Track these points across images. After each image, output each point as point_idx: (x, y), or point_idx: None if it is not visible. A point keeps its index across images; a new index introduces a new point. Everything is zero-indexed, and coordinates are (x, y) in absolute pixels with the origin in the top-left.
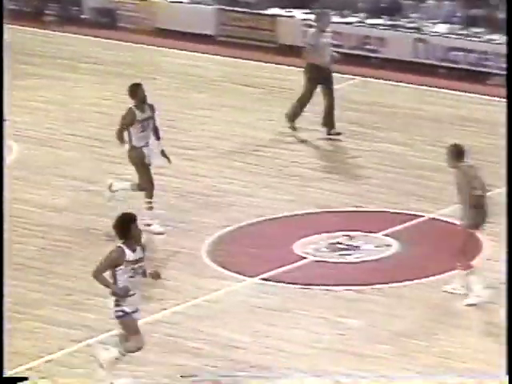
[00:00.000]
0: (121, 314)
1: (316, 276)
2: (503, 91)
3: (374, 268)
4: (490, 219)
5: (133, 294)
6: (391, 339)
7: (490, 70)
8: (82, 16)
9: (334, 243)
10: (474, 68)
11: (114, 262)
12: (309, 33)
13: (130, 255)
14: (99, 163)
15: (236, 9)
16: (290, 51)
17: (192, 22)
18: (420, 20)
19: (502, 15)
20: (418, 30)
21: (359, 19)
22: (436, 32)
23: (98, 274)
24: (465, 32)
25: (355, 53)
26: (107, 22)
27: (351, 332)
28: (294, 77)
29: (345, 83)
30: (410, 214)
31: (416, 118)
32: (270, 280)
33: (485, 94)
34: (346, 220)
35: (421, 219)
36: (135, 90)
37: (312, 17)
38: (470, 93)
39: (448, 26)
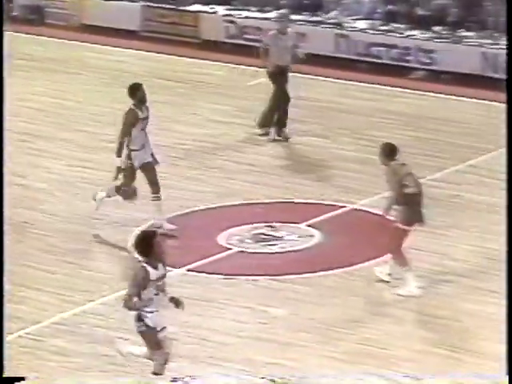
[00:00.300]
0: (144, 328)
1: (240, 266)
2: (424, 85)
3: (297, 258)
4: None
5: (156, 311)
6: (314, 327)
7: (411, 65)
8: (13, 13)
9: (257, 234)
10: (395, 63)
11: (142, 283)
12: (268, 35)
13: (153, 274)
14: (30, 158)
15: (160, 5)
16: (213, 46)
17: (118, 18)
18: (341, 16)
19: (421, 11)
20: (339, 25)
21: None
22: (357, 28)
23: (128, 303)
24: (385, 28)
25: None
26: (36, 18)
27: (275, 321)
28: (217, 71)
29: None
30: (332, 205)
31: (338, 112)
32: (195, 271)
33: (406, 88)
34: (270, 211)
35: (343, 210)
36: (135, 90)
37: (272, 18)
38: (391, 86)
39: (368, 21)
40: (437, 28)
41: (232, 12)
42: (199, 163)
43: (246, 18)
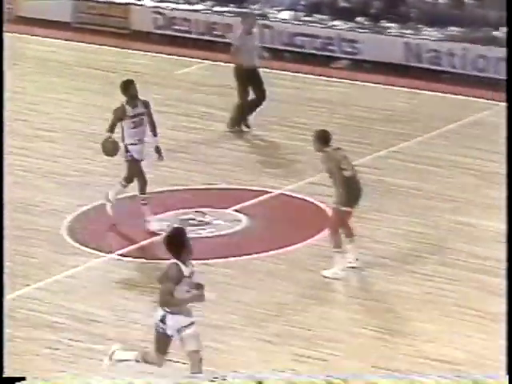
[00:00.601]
0: (161, 331)
1: None
2: (346, 74)
3: (225, 242)
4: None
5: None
6: (242, 310)
7: (333, 54)
8: None
9: (186, 219)
10: (319, 52)
11: (176, 281)
12: (235, 34)
13: (185, 271)
14: None
15: None
16: (142, 37)
17: (50, 10)
18: (265, 7)
19: (343, 3)
20: (263, 16)
21: (207, 7)
22: (281, 18)
23: (169, 301)
24: (309, 18)
25: (204, 38)
26: None
27: (204, 304)
28: (145, 61)
29: (194, 67)
30: (259, 190)
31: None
32: (126, 256)
33: (330, 76)
34: (198, 197)
35: (269, 195)
36: (127, 86)
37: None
38: (316, 75)
39: (292, 12)
40: (359, 19)
41: (160, 4)
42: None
43: (174, 9)
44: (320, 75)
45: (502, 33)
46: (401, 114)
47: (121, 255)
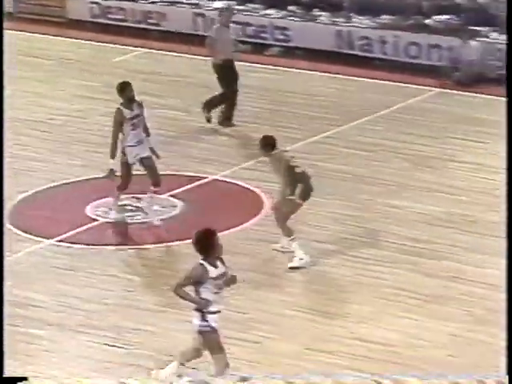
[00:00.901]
0: (208, 329)
1: (106, 236)
2: (279, 60)
3: (161, 227)
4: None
5: (217, 311)
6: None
7: (266, 42)
8: None
9: (122, 205)
10: (251, 40)
11: (195, 280)
12: (212, 28)
13: (212, 272)
14: None
15: None
16: (78, 26)
17: None
18: None
19: None
20: (196, 5)
21: None
22: (213, 7)
23: (177, 289)
24: (241, 7)
25: (139, 26)
26: None
27: (138, 288)
28: (83, 50)
29: (129, 54)
30: (193, 176)
31: (196, 86)
32: (65, 241)
33: (263, 64)
34: (134, 183)
35: (204, 180)
36: (123, 89)
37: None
38: (249, 62)
39: (225, 1)
40: (291, 7)
41: None
42: (67, 137)
43: None
44: (253, 62)
45: (433, 21)
46: (333, 99)
47: (59, 241)
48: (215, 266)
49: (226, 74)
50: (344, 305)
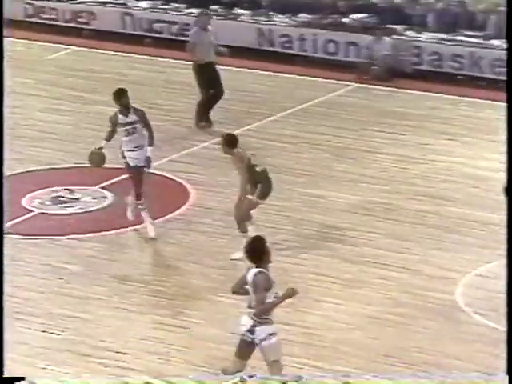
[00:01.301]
0: (248, 340)
1: (42, 227)
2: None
3: (93, 218)
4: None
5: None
6: (108, 282)
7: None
8: None
9: (56, 197)
10: (176, 37)
11: (266, 289)
12: (190, 33)
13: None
14: None
15: None
16: (13, 25)
17: None
18: None
19: None
20: (124, 5)
21: None
22: (140, 7)
23: (262, 311)
24: (166, 6)
25: (70, 25)
26: None
27: (73, 277)
28: (17, 48)
29: (60, 53)
30: (123, 168)
31: (126, 83)
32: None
33: (187, 60)
34: (67, 176)
35: None
36: (119, 95)
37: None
38: (173, 59)
39: (150, 1)
40: (213, 7)
41: None
42: (6, 132)
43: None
44: (177, 59)
45: (350, 19)
46: (256, 94)
47: None
48: (269, 271)
49: (207, 77)
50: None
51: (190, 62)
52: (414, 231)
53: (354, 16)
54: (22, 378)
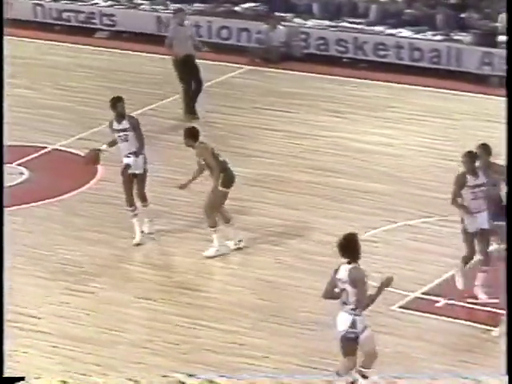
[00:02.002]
0: (352, 336)
1: None
2: (109, 43)
3: (10, 193)
4: None
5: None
6: (24, 251)
7: (96, 27)
8: None
9: None
10: (83, 25)
11: (365, 283)
12: (168, 29)
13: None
14: None
15: None
16: None
17: None
18: None
19: None
20: None
21: None
22: None
23: (368, 305)
24: None
25: None
26: None
27: None
28: None
29: None
30: (37, 146)
31: (41, 67)
32: None
33: (94, 46)
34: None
35: (45, 150)
36: (114, 104)
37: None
38: (82, 45)
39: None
40: None
41: None
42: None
43: None
44: (85, 45)
45: (241, 8)
46: (156, 76)
47: None
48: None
49: (186, 70)
50: (168, 257)
51: (94, 47)
52: (304, 201)
53: (246, 5)
54: (22, 378)
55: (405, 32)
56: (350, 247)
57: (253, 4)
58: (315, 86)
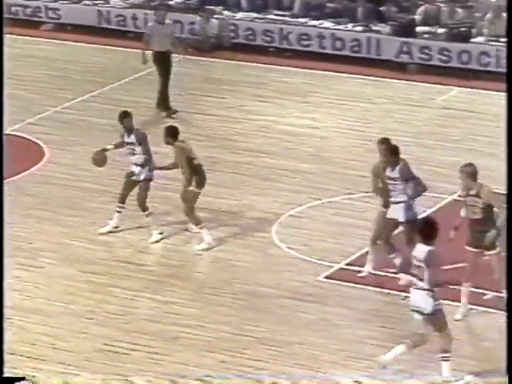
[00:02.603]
0: (440, 307)
1: None
2: (54, 34)
3: None
4: None
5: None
6: None
7: (42, 20)
8: None
9: None
10: (30, 18)
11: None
12: (148, 25)
13: None
14: None
15: None
16: None
17: None
18: None
19: None
20: None
21: None
22: None
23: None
24: None
25: None
26: None
27: None
28: None
29: None
30: None
31: None
32: None
33: (40, 37)
34: None
35: None
36: (121, 119)
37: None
38: (29, 37)
39: None
40: None
41: None
42: None
43: None
44: (32, 36)
45: (174, 2)
46: (97, 65)
47: None
48: None
49: (162, 64)
50: (109, 234)
51: (40, 39)
52: (235, 180)
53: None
54: (22, 378)
55: (327, 23)
56: (431, 231)
57: None
58: (244, 73)
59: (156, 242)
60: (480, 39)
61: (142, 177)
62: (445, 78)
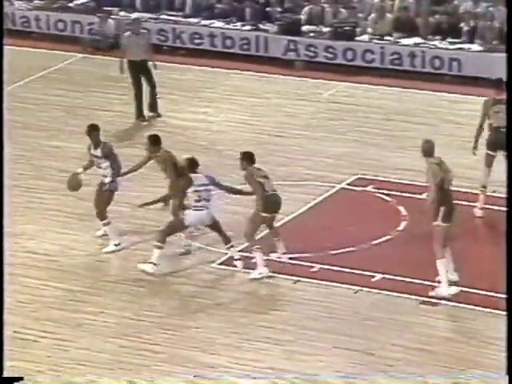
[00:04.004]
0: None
1: None
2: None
3: None
4: None
5: None
6: None
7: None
8: None
9: None
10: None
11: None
12: (124, 35)
13: None
14: None
15: None
16: None
17: None
18: None
19: None
20: None
21: None
22: None
23: None
24: None
25: None
26: None
27: None
28: None
29: None
30: None
31: None
32: None
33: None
34: None
35: None
36: (89, 132)
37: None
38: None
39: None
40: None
41: None
42: None
43: None
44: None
45: (74, 4)
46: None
47: None
48: None
49: (137, 75)
50: (18, 226)
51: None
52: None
53: (78, 1)
54: (21, 378)
55: (217, 23)
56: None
57: (84, 0)
58: None
59: (111, 252)
60: (364, 37)
61: (106, 187)
62: (331, 74)
